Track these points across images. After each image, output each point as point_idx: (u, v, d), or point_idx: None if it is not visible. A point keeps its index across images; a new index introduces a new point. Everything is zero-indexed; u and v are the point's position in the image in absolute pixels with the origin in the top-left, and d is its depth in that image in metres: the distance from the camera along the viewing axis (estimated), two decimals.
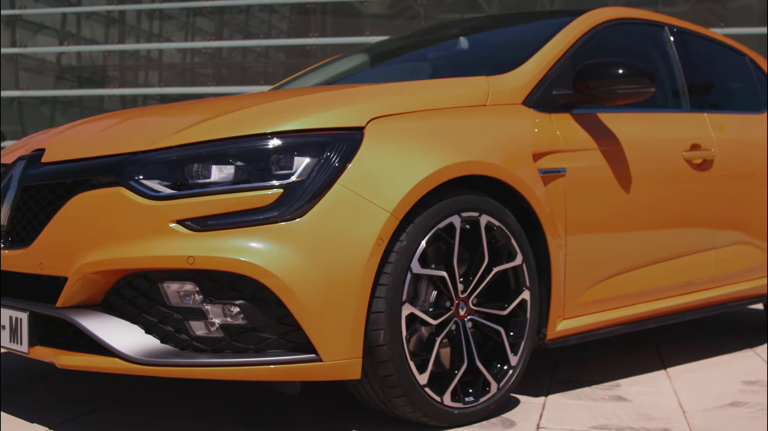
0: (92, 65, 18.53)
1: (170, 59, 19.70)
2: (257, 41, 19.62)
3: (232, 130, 2.51)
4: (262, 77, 20.32)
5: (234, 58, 20.59)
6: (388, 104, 2.70)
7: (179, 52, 19.53)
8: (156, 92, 18.81)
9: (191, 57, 19.80)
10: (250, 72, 21.01)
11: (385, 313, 2.49)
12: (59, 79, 18.12)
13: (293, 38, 19.71)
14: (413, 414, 2.63)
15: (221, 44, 18.25)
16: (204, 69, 19.95)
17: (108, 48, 18.22)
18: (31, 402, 2.96)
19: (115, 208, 2.48)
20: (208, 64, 19.86)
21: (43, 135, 3.11)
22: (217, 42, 18.08)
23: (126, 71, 19.10)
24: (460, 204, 2.69)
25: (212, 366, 2.40)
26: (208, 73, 19.80)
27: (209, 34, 19.39)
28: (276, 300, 2.38)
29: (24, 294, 2.75)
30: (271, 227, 2.39)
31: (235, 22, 19.97)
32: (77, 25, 18.50)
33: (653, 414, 2.89)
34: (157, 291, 2.45)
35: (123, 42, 18.54)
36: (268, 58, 20.95)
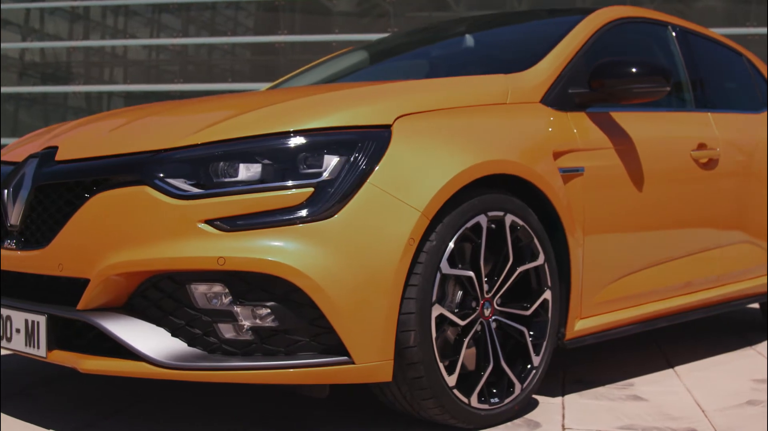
0: (56, 62, 18.24)
1: (135, 56, 19.47)
2: (226, 38, 19.50)
3: (258, 127, 2.46)
4: (229, 74, 20.19)
5: (200, 55, 20.43)
6: (414, 102, 2.66)
7: (144, 48, 19.31)
8: (121, 89, 18.59)
9: (157, 54, 19.59)
10: (217, 69, 20.88)
11: (415, 314, 2.45)
12: (22, 76, 17.82)
13: (262, 35, 19.62)
14: (441, 416, 2.59)
15: (194, 41, 18.10)
16: (170, 66, 19.76)
17: (72, 44, 17.95)
18: (42, 407, 2.88)
19: (139, 207, 2.40)
20: (173, 61, 19.68)
21: (50, 132, 3.03)
22: (187, 39, 17.93)
23: (91, 68, 18.84)
24: (487, 203, 2.66)
25: (243, 369, 2.34)
26: (174, 70, 19.63)
27: (175, 31, 19.21)
28: (308, 302, 2.33)
29: (36, 296, 2.66)
30: (302, 227, 2.34)
31: (201, 18, 19.81)
32: (41, 20, 18.19)
33: (674, 414, 2.88)
34: (184, 293, 2.38)
35: (87, 38, 18.29)
36: (234, 56, 20.80)
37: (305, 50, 20.48)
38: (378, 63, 4.13)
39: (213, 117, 2.60)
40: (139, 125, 2.71)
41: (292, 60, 20.13)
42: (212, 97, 3.30)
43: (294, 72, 4.34)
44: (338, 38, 20.29)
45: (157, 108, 2.91)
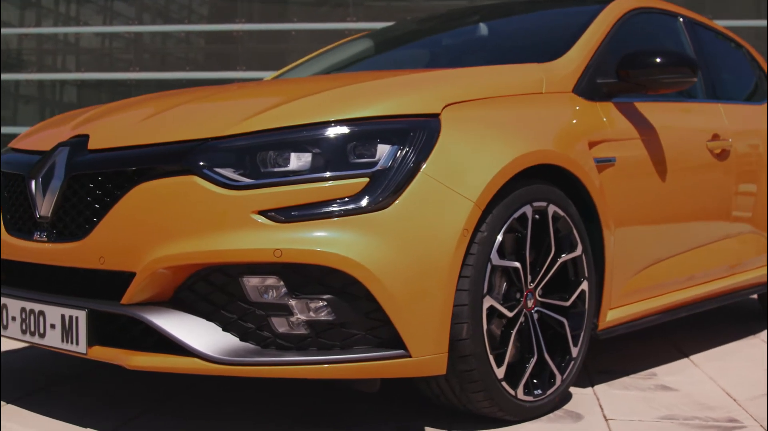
0: (7, 48, 17.81)
1: (88, 44, 19.12)
2: (184, 26, 19.24)
3: (309, 115, 2.39)
4: (184, 63, 19.92)
5: (155, 43, 20.14)
6: (459, 90, 2.62)
7: (97, 36, 18.96)
8: (75, 77, 18.24)
9: (110, 42, 19.25)
10: (171, 58, 20.60)
11: (468, 306, 2.42)
12: None
13: (220, 24, 19.39)
14: (489, 409, 2.56)
15: (150, 29, 17.82)
16: (124, 54, 19.44)
17: (24, 31, 17.55)
18: (72, 405, 2.78)
19: (187, 198, 2.33)
20: (127, 49, 19.37)
21: (69, 121, 2.92)
22: (143, 26, 17.64)
23: (43, 55, 18.44)
24: (532, 193, 2.63)
25: (298, 364, 2.28)
26: (128, 59, 19.32)
27: (129, 19, 18.91)
28: (365, 295, 2.28)
29: (71, 291, 2.57)
30: (359, 218, 2.28)
31: (156, 6, 19.51)
32: None
33: (709, 403, 2.89)
34: (237, 286, 2.31)
35: (40, 25, 17.90)
36: (189, 44, 20.52)
37: (263, 39, 20.27)
38: (392, 51, 4.08)
39: (256, 105, 2.53)
40: (177, 113, 2.62)
41: (250, 49, 19.93)
42: (247, 84, 3.21)
43: (304, 59, 4.26)
44: (297, 27, 20.14)
45: (191, 95, 2.82)
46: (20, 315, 2.59)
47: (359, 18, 21.43)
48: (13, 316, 2.62)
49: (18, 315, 2.60)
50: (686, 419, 2.71)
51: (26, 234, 2.67)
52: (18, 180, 2.76)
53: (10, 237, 2.73)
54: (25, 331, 2.58)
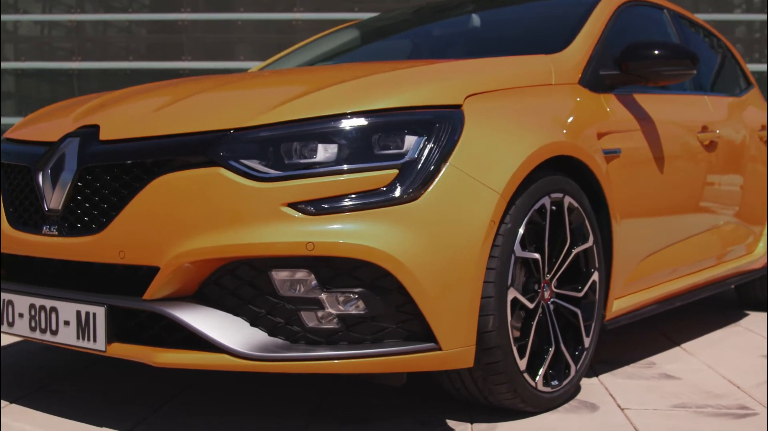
0: None
1: (28, 32, 18.65)
2: (125, 15, 18.92)
3: (334, 106, 2.35)
4: (125, 52, 19.58)
5: (97, 32, 19.77)
6: (478, 81, 2.60)
7: (36, 24, 18.51)
8: (14, 66, 17.79)
9: (49, 30, 18.81)
10: (112, 47, 20.25)
11: (494, 298, 2.41)
12: None
13: (165, 13, 19.09)
14: (512, 401, 2.56)
15: (92, 17, 17.46)
16: (63, 43, 19.02)
17: None
18: (77, 403, 2.70)
19: (213, 190, 2.27)
20: (68, 38, 18.96)
21: (70, 110, 2.83)
22: (85, 15, 17.28)
23: None
24: (551, 185, 2.63)
25: (329, 359, 2.25)
26: (70, 48, 18.92)
27: (69, 7, 18.51)
28: (396, 287, 2.25)
29: (83, 286, 2.50)
30: (390, 210, 2.26)
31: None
32: None
33: (714, 391, 2.94)
34: (266, 280, 2.26)
35: None
36: (130, 34, 20.17)
37: (209, 29, 20.02)
38: (386, 41, 4.04)
39: (278, 94, 2.48)
40: (195, 102, 2.56)
41: (196, 39, 19.66)
42: (263, 73, 3.15)
43: (296, 46, 4.19)
44: (243, 17, 19.93)
45: (206, 84, 2.75)
46: (29, 312, 2.51)
47: (306, 8, 21.32)
48: (21, 313, 2.53)
49: (26, 311, 2.51)
50: (699, 407, 2.74)
51: (33, 228, 2.58)
52: (22, 172, 2.67)
53: (13, 231, 2.63)
54: (34, 328, 2.50)
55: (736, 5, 14.46)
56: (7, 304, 2.57)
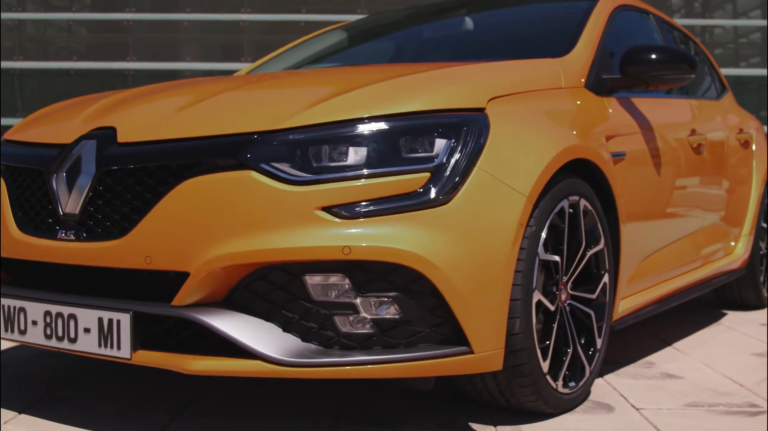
0: None
1: None
2: (68, 14, 18.66)
3: (363, 109, 2.33)
4: (66, 52, 19.31)
5: (37, 32, 19.46)
6: (499, 85, 2.61)
7: None
8: None
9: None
10: (52, 47, 19.95)
11: (521, 301, 2.41)
12: None
13: (109, 12, 18.89)
14: (534, 403, 2.57)
15: (35, 16, 17.16)
16: (5, 42, 18.69)
17: None
18: (89, 412, 2.63)
19: (245, 194, 2.23)
20: (9, 36, 18.63)
21: (83, 111, 2.75)
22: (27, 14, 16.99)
23: None
24: (569, 188, 2.65)
25: (364, 364, 2.23)
26: (10, 47, 18.59)
27: (12, 6, 18.21)
28: (429, 291, 2.24)
29: (101, 292, 2.44)
30: (423, 213, 2.24)
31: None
32: None
33: (720, 389, 2.99)
34: (299, 285, 2.23)
35: None
36: (71, 33, 19.86)
37: (154, 28, 19.79)
38: (381, 43, 4.02)
39: (305, 96, 2.46)
40: (219, 104, 2.51)
41: (141, 39, 19.39)
42: (281, 74, 3.11)
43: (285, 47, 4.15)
44: (189, 17, 19.71)
45: (226, 84, 2.70)
46: (44, 320, 2.44)
47: (254, 9, 21.17)
48: (34, 320, 2.46)
49: (41, 319, 2.44)
50: (711, 406, 2.79)
51: (46, 232, 2.51)
52: (33, 175, 2.59)
53: (24, 236, 2.55)
54: (50, 336, 2.43)
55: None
56: (18, 312, 2.49)
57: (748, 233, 4.50)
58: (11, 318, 2.51)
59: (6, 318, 2.53)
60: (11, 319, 2.51)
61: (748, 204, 4.56)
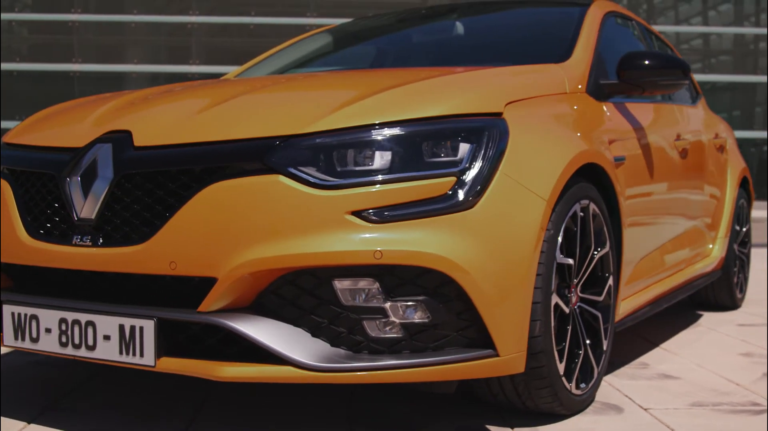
0: None
1: None
2: (11, 15, 18.41)
3: (387, 113, 2.33)
4: (8, 53, 19.02)
5: None
6: (513, 90, 2.63)
7: None
8: None
9: None
10: None
11: (541, 303, 2.44)
12: None
13: (55, 13, 18.62)
14: (550, 405, 2.60)
15: None
16: None
17: None
18: (102, 421, 2.57)
19: (273, 198, 2.21)
20: None
21: (91, 113, 2.71)
22: None
23: None
24: (580, 192, 2.69)
25: (394, 368, 2.23)
26: None
27: None
28: (457, 295, 2.25)
29: (120, 299, 2.40)
30: (450, 217, 2.25)
31: None
32: None
33: (719, 389, 3.05)
34: (328, 290, 2.22)
35: None
36: (12, 34, 19.55)
37: (100, 30, 19.51)
38: (380, 45, 4.02)
39: (327, 99, 2.46)
40: (239, 107, 2.49)
41: (87, 40, 19.09)
42: (300, 76, 3.09)
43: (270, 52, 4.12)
44: (137, 19, 19.46)
45: (242, 86, 2.67)
46: (59, 327, 2.38)
47: (201, 11, 20.98)
48: (48, 328, 2.40)
49: (55, 326, 2.39)
50: (715, 405, 2.84)
51: (59, 238, 2.46)
52: (43, 179, 2.54)
53: (34, 242, 2.50)
54: (65, 344, 2.38)
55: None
56: (29, 319, 2.44)
57: (723, 236, 4.61)
58: (22, 326, 2.45)
59: (16, 326, 2.47)
60: (22, 327, 2.45)
61: (724, 207, 4.66)
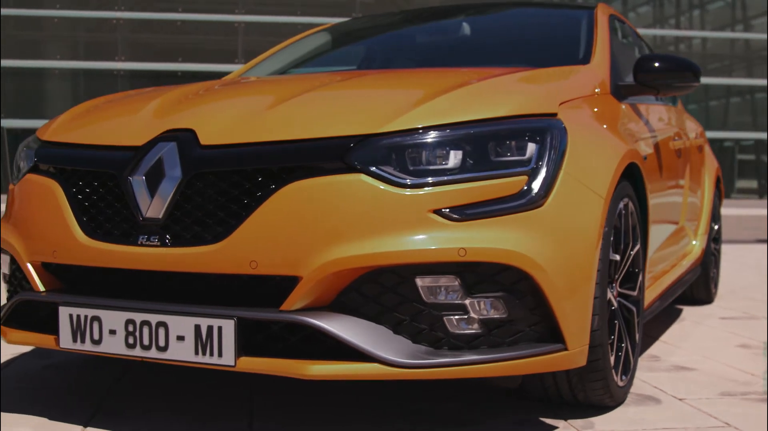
0: None
1: None
2: None
3: (457, 113, 2.37)
4: None
5: None
6: (563, 90, 2.70)
7: None
8: None
9: None
10: None
11: (599, 298, 2.51)
12: None
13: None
14: (601, 397, 2.67)
15: None
16: None
17: None
18: (159, 425, 2.54)
19: (356, 197, 2.23)
20: None
21: (140, 109, 2.68)
22: None
23: None
24: (623, 190, 2.77)
25: (473, 364, 2.26)
26: None
27: None
28: (531, 291, 2.31)
29: (189, 298, 2.37)
30: (525, 215, 2.30)
31: None
32: None
33: (738, 379, 3.19)
34: (411, 287, 2.25)
35: None
36: None
37: (20, 26, 19.02)
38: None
39: (396, 99, 2.48)
40: (309, 105, 2.49)
41: (7, 36, 18.56)
42: (361, 73, 3.09)
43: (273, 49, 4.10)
44: (60, 14, 18.99)
45: (300, 84, 2.67)
46: (125, 328, 2.35)
47: (126, 7, 20.60)
48: (113, 329, 2.37)
49: (121, 328, 2.35)
50: (743, 394, 2.97)
51: (123, 238, 2.41)
52: (102, 178, 2.49)
53: (94, 242, 2.45)
54: (133, 345, 2.34)
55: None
56: (90, 321, 2.39)
57: (703, 232, 4.79)
58: (81, 328, 2.41)
59: (74, 328, 2.42)
60: (81, 329, 2.41)
61: (703, 205, 4.84)
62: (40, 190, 2.62)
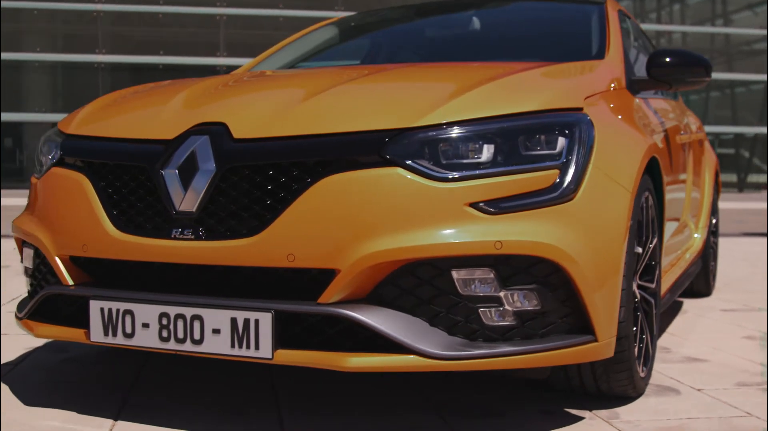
0: None
1: None
2: None
3: (489, 107, 2.39)
4: None
5: None
6: (587, 85, 2.73)
7: None
8: None
9: None
10: None
11: (625, 290, 2.54)
12: None
13: None
14: (625, 388, 2.71)
15: None
16: None
17: None
18: (191, 416, 2.55)
19: (392, 190, 2.25)
20: None
21: (167, 101, 2.69)
22: None
23: None
24: (645, 184, 2.81)
25: (508, 355, 2.29)
26: None
27: None
28: (563, 283, 2.34)
29: (223, 292, 2.39)
30: (557, 209, 2.33)
31: None
32: None
33: (749, 370, 3.24)
34: (447, 279, 2.27)
35: None
36: None
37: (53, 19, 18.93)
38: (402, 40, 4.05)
39: (428, 93, 2.50)
40: (339, 98, 2.50)
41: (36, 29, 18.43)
42: (389, 67, 3.09)
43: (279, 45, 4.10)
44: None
45: (331, 77, 2.68)
46: (159, 322, 2.35)
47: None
48: (146, 323, 2.37)
49: (155, 321, 2.36)
50: (758, 385, 3.02)
51: (156, 232, 2.42)
52: (132, 172, 2.49)
53: (125, 236, 2.45)
54: (167, 338, 2.35)
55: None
56: (122, 314, 2.40)
57: (704, 226, 4.85)
58: (114, 321, 2.41)
59: (106, 322, 2.42)
60: (113, 323, 2.41)
61: (704, 198, 4.90)
62: (68, 183, 2.61)
